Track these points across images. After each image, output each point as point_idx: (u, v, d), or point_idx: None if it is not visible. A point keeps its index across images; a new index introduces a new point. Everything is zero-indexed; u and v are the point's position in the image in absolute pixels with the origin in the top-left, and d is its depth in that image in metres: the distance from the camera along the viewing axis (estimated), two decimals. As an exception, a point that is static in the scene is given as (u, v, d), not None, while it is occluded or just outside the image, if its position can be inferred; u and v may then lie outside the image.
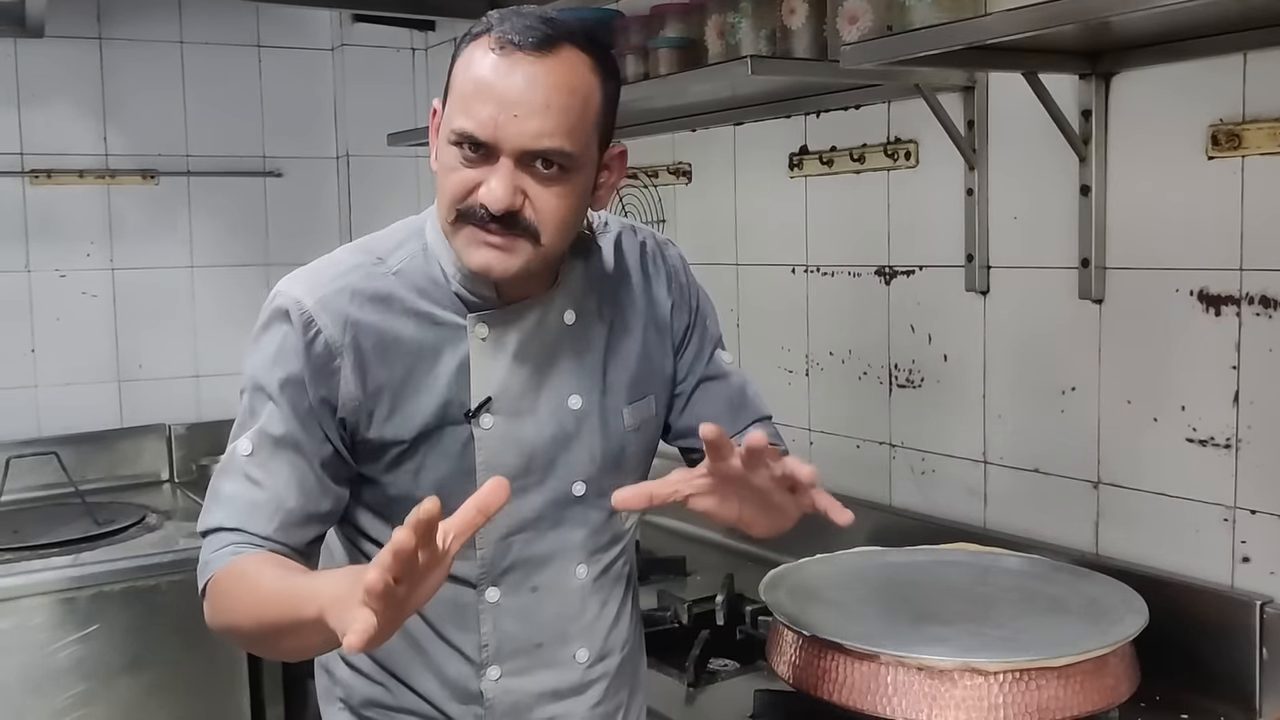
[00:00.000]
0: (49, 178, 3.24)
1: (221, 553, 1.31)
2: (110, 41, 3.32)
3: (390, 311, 1.35)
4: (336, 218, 3.63)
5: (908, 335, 2.22)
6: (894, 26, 1.81)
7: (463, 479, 1.36)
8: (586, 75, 1.28)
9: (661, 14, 2.33)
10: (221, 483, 1.35)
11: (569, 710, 1.49)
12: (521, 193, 1.26)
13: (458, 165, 1.27)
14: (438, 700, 1.45)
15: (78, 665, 2.56)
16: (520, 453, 1.39)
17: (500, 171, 1.25)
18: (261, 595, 1.24)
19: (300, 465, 1.33)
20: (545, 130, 1.24)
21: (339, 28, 3.59)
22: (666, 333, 1.52)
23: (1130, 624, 1.59)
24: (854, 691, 1.54)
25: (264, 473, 1.33)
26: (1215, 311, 1.72)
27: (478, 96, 1.25)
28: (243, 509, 1.32)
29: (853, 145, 2.29)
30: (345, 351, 1.32)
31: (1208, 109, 1.70)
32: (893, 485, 2.29)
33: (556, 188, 1.27)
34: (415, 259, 1.38)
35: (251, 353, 1.36)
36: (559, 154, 1.26)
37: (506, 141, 1.24)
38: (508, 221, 1.26)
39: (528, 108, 1.23)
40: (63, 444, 3.11)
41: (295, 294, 1.34)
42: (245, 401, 1.36)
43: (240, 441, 1.34)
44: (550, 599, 1.45)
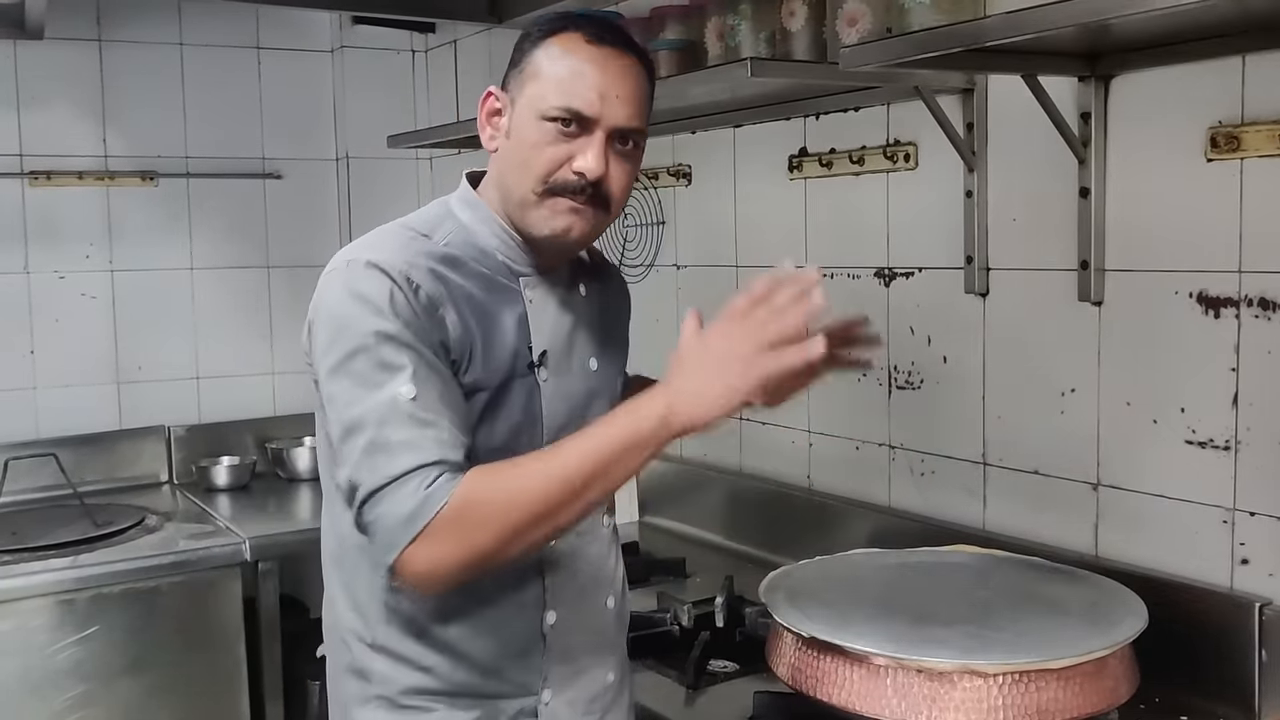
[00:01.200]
0: (48, 179, 3.25)
1: (439, 482, 1.31)
2: (110, 43, 3.32)
3: (459, 273, 1.46)
4: (336, 219, 3.63)
5: (907, 337, 2.22)
6: (893, 29, 1.82)
7: (531, 427, 1.49)
8: (646, 75, 1.50)
9: (661, 16, 2.33)
10: (388, 433, 1.33)
11: (599, 660, 1.60)
12: (606, 166, 1.44)
13: (552, 140, 1.42)
14: (497, 661, 1.49)
15: (77, 667, 2.56)
16: (567, 405, 1.53)
17: (596, 144, 1.43)
18: (544, 466, 1.33)
19: (453, 392, 1.40)
20: (635, 113, 1.45)
21: (339, 30, 3.59)
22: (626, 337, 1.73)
23: (1130, 626, 1.59)
24: (853, 693, 1.54)
25: (433, 412, 1.35)
26: (1214, 313, 1.73)
27: (581, 80, 1.42)
28: (430, 445, 1.33)
29: (852, 147, 2.29)
30: (444, 301, 1.42)
31: (1207, 111, 1.70)
32: (892, 487, 2.29)
33: (629, 164, 1.48)
34: (458, 234, 1.51)
35: (355, 317, 1.37)
36: (638, 134, 1.47)
37: (608, 118, 1.42)
38: (595, 189, 1.44)
39: (624, 93, 1.44)
40: (62, 445, 3.11)
41: (381, 259, 1.40)
42: (369, 361, 1.36)
43: (397, 389, 1.34)
44: (590, 543, 1.58)
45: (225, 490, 3.26)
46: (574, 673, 1.55)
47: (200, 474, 3.31)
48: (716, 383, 1.28)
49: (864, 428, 2.33)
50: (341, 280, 1.40)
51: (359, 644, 1.51)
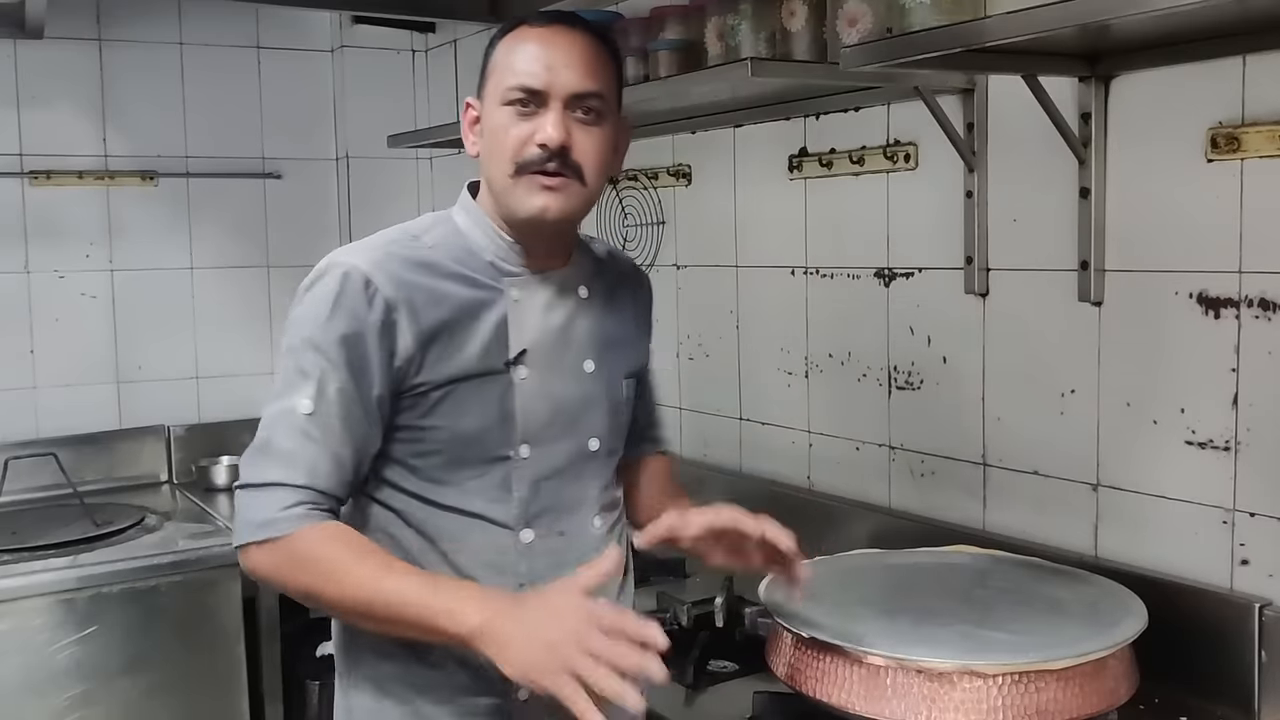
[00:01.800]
0: (48, 179, 3.25)
1: (291, 512, 1.41)
2: (110, 43, 3.32)
3: (434, 275, 1.51)
4: (336, 219, 3.63)
5: (907, 337, 2.22)
6: (893, 29, 1.81)
7: (502, 424, 1.51)
8: (607, 52, 1.54)
9: (661, 16, 2.33)
10: (276, 438, 1.44)
11: None
12: (569, 135, 1.47)
13: (513, 121, 1.48)
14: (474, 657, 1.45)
15: (77, 666, 2.56)
16: (551, 404, 1.54)
17: (552, 114, 1.46)
18: (367, 580, 1.37)
19: (355, 418, 1.46)
20: (587, 75, 1.48)
21: (339, 29, 3.59)
22: (644, 339, 1.75)
23: (1129, 626, 1.59)
24: (853, 693, 1.54)
25: (323, 430, 1.44)
26: (1214, 314, 1.73)
27: (527, 59, 1.48)
28: (303, 465, 1.43)
29: (852, 147, 2.29)
30: (401, 305, 1.46)
31: (1207, 112, 1.70)
32: (892, 487, 2.29)
33: (595, 130, 1.49)
34: (449, 236, 1.56)
35: (302, 316, 1.48)
36: (596, 97, 1.49)
37: (557, 86, 1.46)
38: (562, 159, 1.46)
39: (570, 61, 1.48)
40: (61, 445, 3.11)
41: (349, 260, 1.48)
42: (294, 361, 1.47)
43: (299, 400, 1.44)
44: (574, 544, 1.56)
45: (225, 490, 3.26)
46: None
47: (200, 474, 3.31)
48: (533, 652, 1.29)
49: (864, 428, 2.33)
50: (316, 281, 1.49)
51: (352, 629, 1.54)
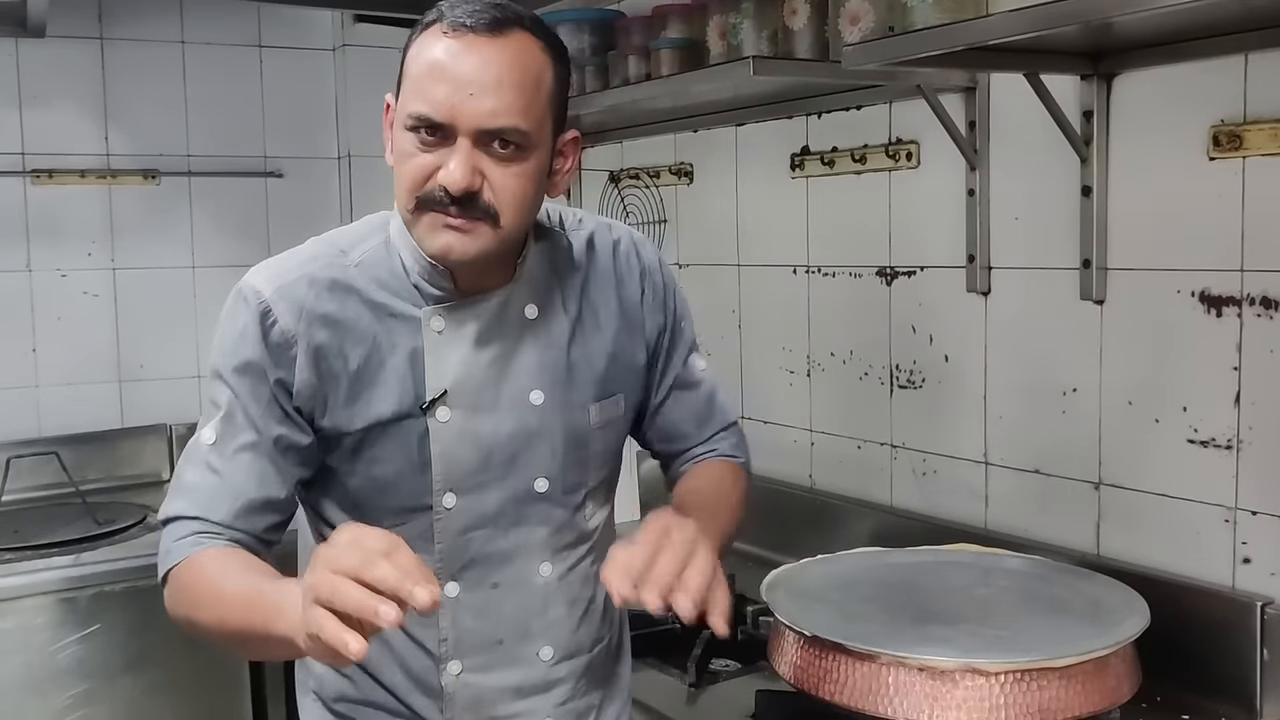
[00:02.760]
0: (50, 178, 3.24)
1: (182, 543, 1.34)
2: (111, 42, 3.32)
3: (347, 301, 1.37)
4: (338, 218, 3.62)
5: (909, 336, 2.22)
6: (895, 27, 1.82)
7: (418, 473, 1.38)
8: (538, 55, 1.30)
9: (663, 15, 2.33)
10: (184, 471, 1.37)
11: (533, 707, 1.49)
12: (479, 174, 1.27)
13: (415, 151, 1.29)
14: (403, 693, 1.46)
15: (79, 665, 2.56)
16: (478, 448, 1.39)
17: (458, 153, 1.26)
18: (225, 598, 1.26)
19: (259, 452, 1.36)
20: (500, 108, 1.25)
21: (340, 28, 3.58)
22: (639, 332, 1.52)
23: (1131, 625, 1.59)
24: (855, 692, 1.54)
25: (223, 461, 1.35)
26: (1216, 312, 1.73)
27: (431, 79, 1.26)
28: (203, 498, 1.35)
29: (854, 146, 2.29)
30: (300, 339, 1.35)
31: (1209, 110, 1.70)
32: (894, 486, 2.29)
33: (514, 167, 1.29)
34: (377, 252, 1.40)
35: (215, 341, 1.41)
36: (514, 132, 1.27)
37: (463, 121, 1.25)
38: (467, 204, 1.27)
39: (482, 86, 1.25)
40: (63, 444, 3.11)
41: (255, 284, 1.38)
42: (209, 388, 1.40)
43: (204, 431, 1.37)
44: (511, 596, 1.45)
45: (227, 489, 3.25)
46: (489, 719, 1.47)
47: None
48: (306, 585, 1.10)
49: (866, 427, 2.33)
50: (229, 303, 1.42)
51: None
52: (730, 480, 1.58)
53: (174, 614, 1.36)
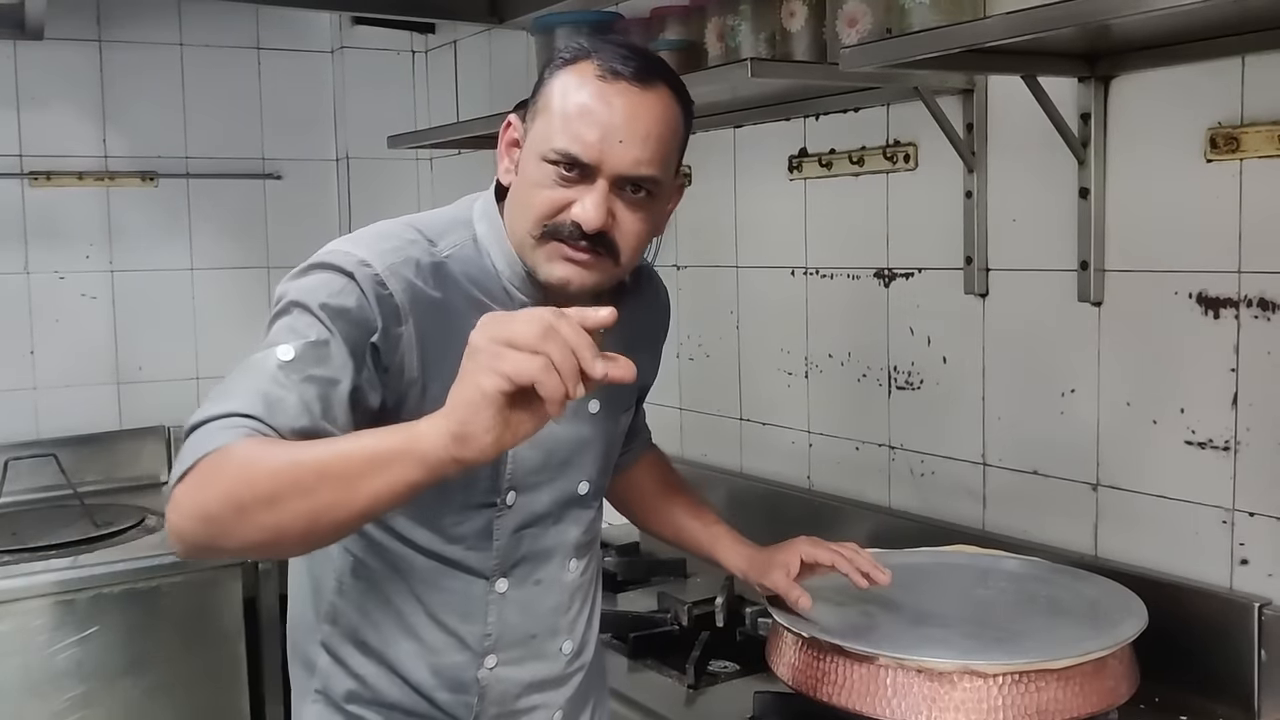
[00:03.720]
0: (48, 179, 3.25)
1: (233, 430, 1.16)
2: (110, 44, 3.32)
3: (448, 290, 1.35)
4: (336, 220, 3.63)
5: (907, 337, 2.22)
6: (893, 29, 1.82)
7: (493, 471, 1.40)
8: (676, 110, 1.36)
9: (661, 16, 2.33)
10: (241, 380, 1.22)
11: (547, 700, 1.54)
12: (612, 215, 1.32)
13: (551, 183, 1.32)
14: (427, 689, 1.46)
15: (77, 667, 2.56)
16: (543, 449, 1.43)
17: (596, 193, 1.31)
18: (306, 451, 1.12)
19: (337, 391, 1.24)
20: (644, 159, 1.32)
21: (338, 30, 3.59)
22: (656, 358, 1.67)
23: (1130, 626, 1.59)
24: (853, 693, 1.54)
25: (293, 385, 1.22)
26: (1214, 314, 1.73)
27: (583, 120, 1.30)
28: (266, 404, 1.19)
29: (852, 148, 2.29)
30: (411, 320, 1.31)
31: (1206, 112, 1.71)
32: (892, 487, 2.29)
33: (641, 213, 1.35)
34: (466, 248, 1.40)
35: (297, 286, 1.29)
36: (651, 181, 1.34)
37: (608, 165, 1.31)
38: (596, 240, 1.32)
39: (631, 136, 1.30)
40: (62, 446, 3.11)
41: (361, 255, 1.31)
42: (287, 320, 1.27)
43: (280, 348, 1.23)
44: (549, 592, 1.51)
45: (225, 490, 3.25)
46: (511, 712, 1.51)
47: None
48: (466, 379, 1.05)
49: (864, 428, 2.34)
50: (320, 264, 1.31)
51: (308, 636, 1.51)
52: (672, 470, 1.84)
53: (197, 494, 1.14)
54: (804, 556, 1.65)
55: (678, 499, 1.79)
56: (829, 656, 1.58)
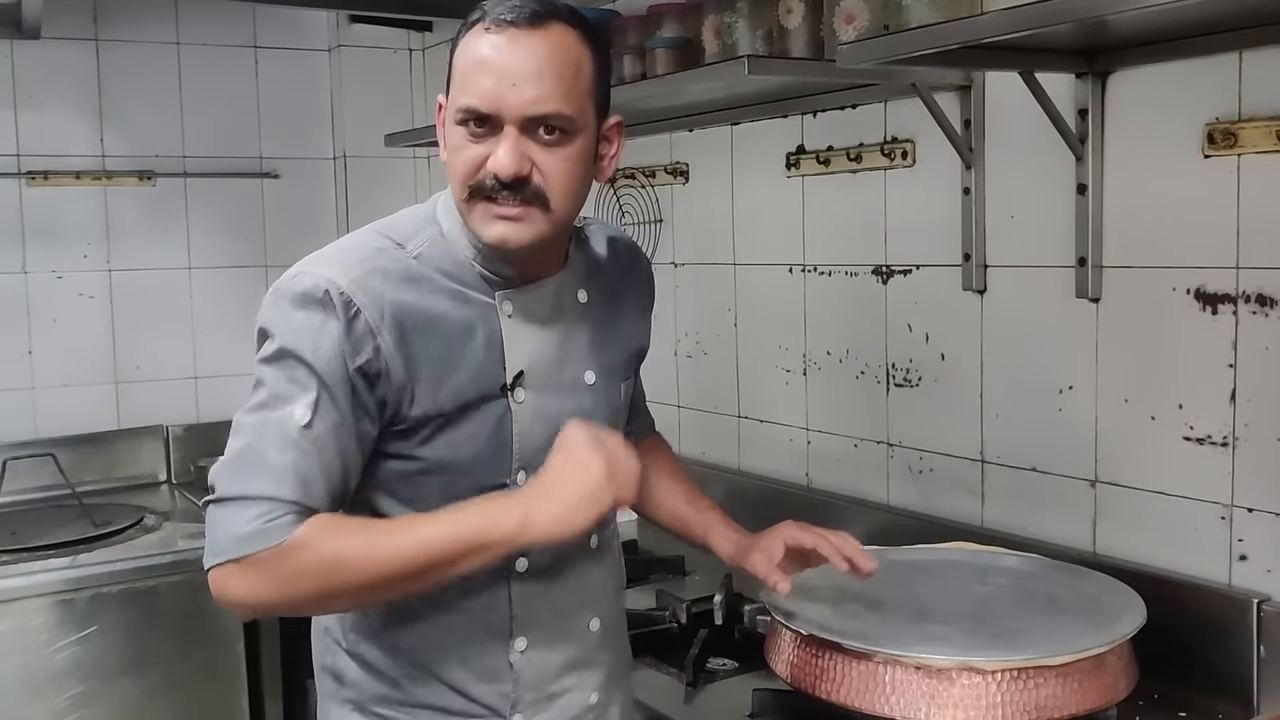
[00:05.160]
0: (46, 179, 3.24)
1: (280, 520, 1.28)
2: (106, 43, 3.32)
3: (422, 290, 1.39)
4: (334, 218, 3.63)
5: (905, 334, 2.22)
6: (890, 26, 1.82)
7: (498, 452, 1.42)
8: (576, 44, 1.36)
9: (658, 14, 2.33)
10: (265, 449, 1.31)
11: (581, 682, 1.53)
12: (528, 160, 1.33)
13: (465, 143, 1.35)
14: (462, 684, 1.46)
15: (76, 667, 2.56)
16: (549, 426, 1.43)
17: (506, 140, 1.32)
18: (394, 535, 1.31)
19: (346, 438, 1.34)
20: (542, 95, 1.32)
21: (336, 29, 3.59)
22: (646, 322, 1.67)
23: (1128, 622, 1.59)
24: (852, 690, 1.54)
25: (315, 446, 1.31)
26: (1212, 310, 1.73)
27: (477, 73, 1.33)
28: (298, 482, 1.30)
29: (850, 145, 2.29)
30: (385, 330, 1.34)
31: (1204, 107, 1.71)
32: (890, 484, 2.29)
33: (560, 151, 1.35)
34: (434, 243, 1.43)
35: (283, 327, 1.35)
36: (558, 118, 1.33)
37: (508, 110, 1.32)
38: (518, 188, 1.34)
39: (524, 76, 1.32)
40: (60, 445, 3.11)
41: (328, 275, 1.35)
42: (282, 371, 1.34)
43: (294, 410, 1.31)
44: (570, 567, 1.50)
45: (224, 490, 3.25)
46: (548, 696, 1.50)
47: (199, 473, 3.30)
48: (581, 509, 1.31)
49: (862, 425, 2.33)
50: (287, 290, 1.36)
51: (335, 645, 1.51)
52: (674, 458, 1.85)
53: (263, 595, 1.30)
54: (787, 540, 1.63)
55: (675, 485, 1.78)
56: (827, 653, 1.58)
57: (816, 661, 1.59)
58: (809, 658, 1.60)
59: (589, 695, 1.54)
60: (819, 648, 1.59)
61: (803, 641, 1.62)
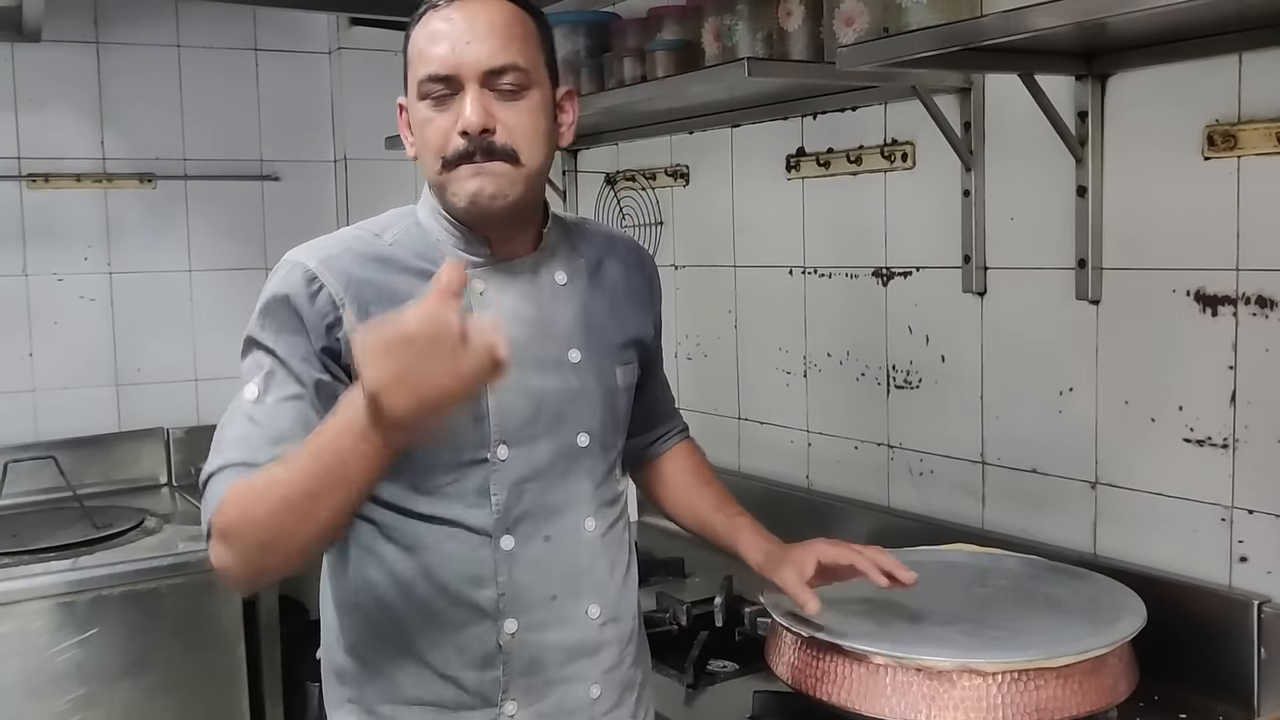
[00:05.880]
0: (46, 182, 3.24)
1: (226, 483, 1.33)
2: (107, 46, 3.32)
3: (390, 270, 1.44)
4: (334, 221, 3.62)
5: (905, 336, 2.22)
6: (890, 28, 1.82)
7: (474, 426, 1.44)
8: (520, 12, 1.45)
9: (658, 16, 2.33)
10: (224, 429, 1.39)
11: (582, 671, 1.51)
12: (492, 116, 1.39)
13: (431, 115, 1.42)
14: (455, 670, 1.46)
15: (77, 669, 2.56)
16: (529, 400, 1.46)
17: (468, 97, 1.39)
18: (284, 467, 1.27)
19: (303, 400, 1.38)
20: (496, 48, 1.40)
21: (336, 31, 3.59)
22: (648, 314, 1.66)
23: (1128, 624, 1.59)
24: (852, 692, 1.54)
25: (267, 414, 1.37)
26: (1212, 312, 1.73)
27: (432, 43, 1.41)
28: (245, 446, 1.36)
29: (849, 147, 2.29)
30: (349, 303, 1.40)
31: (1203, 110, 1.71)
32: (891, 486, 2.29)
33: (520, 103, 1.41)
34: (409, 231, 1.50)
35: (254, 316, 1.43)
36: (514, 69, 1.40)
37: (466, 67, 1.39)
38: (486, 147, 1.39)
39: (475, 35, 1.40)
40: (61, 448, 3.11)
41: (299, 257, 1.43)
42: (247, 360, 1.42)
43: (246, 388, 1.39)
44: (562, 549, 1.50)
45: (224, 492, 3.25)
46: (543, 684, 1.49)
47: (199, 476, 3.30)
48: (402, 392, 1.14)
49: (862, 427, 2.34)
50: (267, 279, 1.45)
51: (337, 646, 1.52)
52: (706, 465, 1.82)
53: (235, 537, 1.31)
54: (822, 558, 1.59)
55: (705, 490, 1.77)
56: (828, 655, 1.58)
57: (817, 663, 1.59)
58: (809, 660, 1.60)
59: (589, 688, 1.52)
60: (819, 650, 1.59)
61: (803, 643, 1.62)
